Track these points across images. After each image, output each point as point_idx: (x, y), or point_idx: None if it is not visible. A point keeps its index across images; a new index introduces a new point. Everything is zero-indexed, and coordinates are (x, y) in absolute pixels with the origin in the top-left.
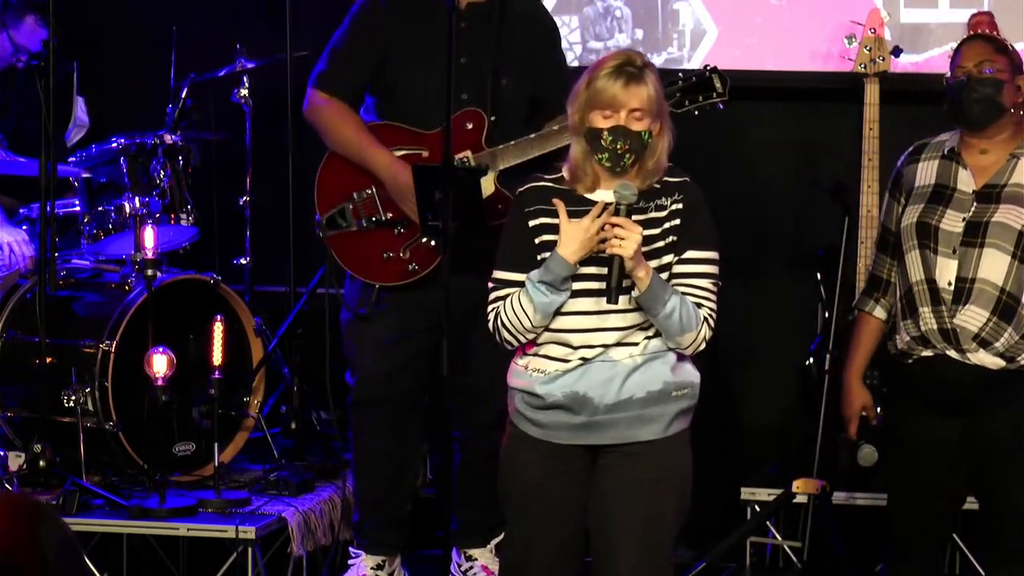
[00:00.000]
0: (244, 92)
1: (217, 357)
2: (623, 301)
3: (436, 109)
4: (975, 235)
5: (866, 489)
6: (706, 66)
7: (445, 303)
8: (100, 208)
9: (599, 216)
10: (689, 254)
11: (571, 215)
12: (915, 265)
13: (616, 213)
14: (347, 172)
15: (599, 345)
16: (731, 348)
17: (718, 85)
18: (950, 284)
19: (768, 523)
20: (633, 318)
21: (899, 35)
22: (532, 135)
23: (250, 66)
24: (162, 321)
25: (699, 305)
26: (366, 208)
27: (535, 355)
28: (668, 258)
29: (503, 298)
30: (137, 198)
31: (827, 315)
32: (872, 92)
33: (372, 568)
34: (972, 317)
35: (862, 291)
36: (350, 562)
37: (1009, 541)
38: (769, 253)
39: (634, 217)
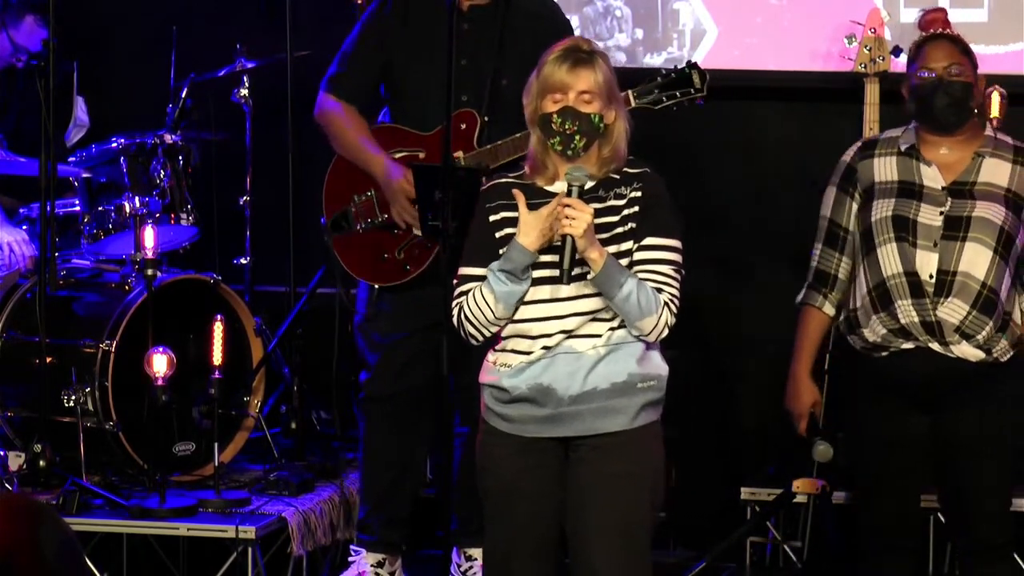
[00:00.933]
0: (244, 92)
1: (217, 357)
2: (582, 286)
3: (436, 110)
4: (956, 229)
5: None
6: (687, 62)
7: (445, 303)
8: (100, 208)
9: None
10: (648, 240)
11: (533, 208)
12: (890, 258)
13: (568, 195)
14: (350, 175)
15: (558, 333)
16: (731, 348)
17: (696, 81)
18: (932, 276)
19: (768, 523)
20: (592, 304)
21: (899, 35)
22: (518, 134)
23: (250, 66)
24: (162, 321)
25: (659, 290)
26: (365, 210)
27: (502, 350)
28: (627, 244)
29: (467, 293)
30: (137, 198)
31: None
32: (872, 92)
33: (373, 566)
34: (954, 310)
35: (807, 285)
36: (351, 559)
37: (982, 535)
38: (769, 253)
39: (593, 205)
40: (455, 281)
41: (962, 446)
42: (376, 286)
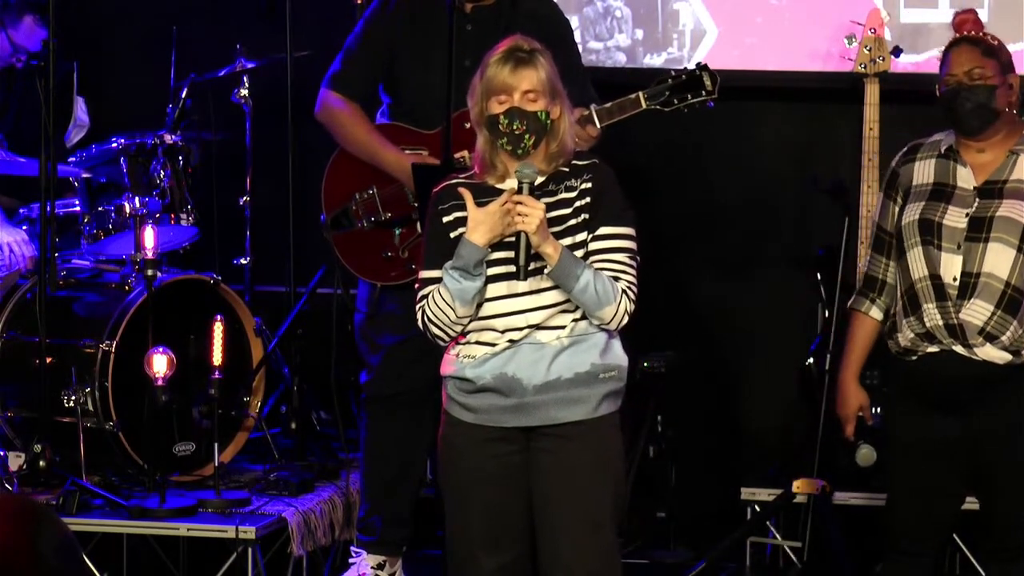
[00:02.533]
0: (244, 92)
1: (217, 357)
2: (540, 280)
3: (436, 110)
4: (979, 230)
5: (866, 489)
6: (697, 64)
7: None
8: (100, 208)
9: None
10: (602, 230)
11: (483, 205)
12: (918, 262)
13: (519, 192)
14: (351, 173)
15: (525, 327)
16: (731, 348)
17: (708, 83)
18: (955, 279)
19: (768, 523)
20: (553, 296)
21: (899, 35)
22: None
23: (250, 66)
24: (162, 321)
25: (616, 279)
26: (367, 208)
27: (467, 343)
28: (581, 236)
29: (427, 295)
30: (137, 198)
31: (827, 315)
32: (872, 92)
33: (373, 567)
34: (977, 311)
35: (857, 291)
36: (351, 561)
37: (1007, 539)
38: (769, 253)
39: (544, 199)
40: (416, 286)
41: (989, 448)
42: (378, 285)
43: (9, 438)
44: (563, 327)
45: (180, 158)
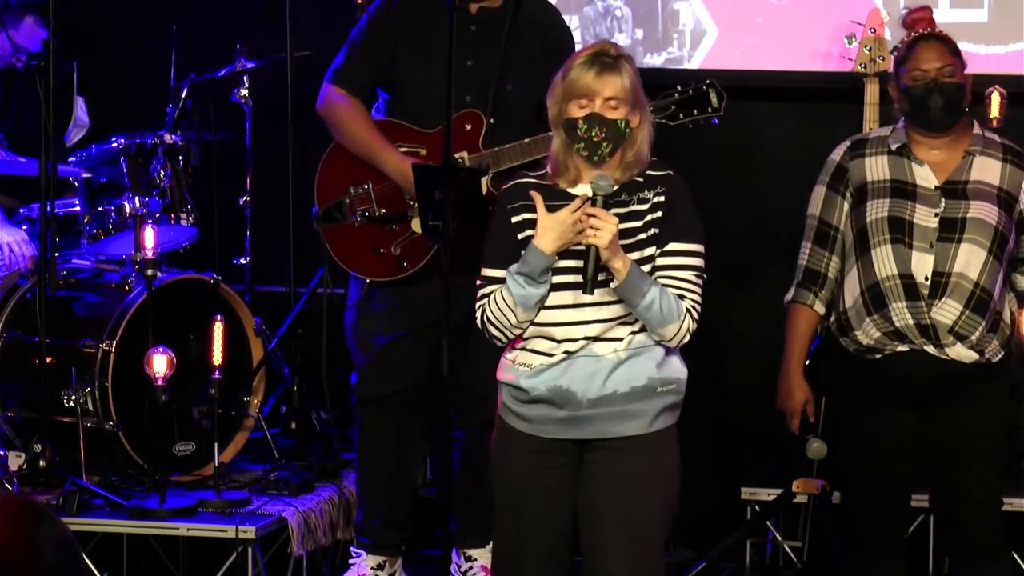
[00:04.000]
0: (244, 92)
1: (217, 357)
2: (604, 293)
3: (437, 109)
4: (952, 230)
5: None
6: (705, 80)
7: (445, 303)
8: (100, 208)
9: (578, 208)
10: (671, 246)
11: (553, 210)
12: (885, 260)
13: (593, 204)
14: (347, 167)
15: (581, 338)
16: (731, 348)
17: (714, 100)
18: (927, 279)
19: (768, 523)
20: (615, 310)
21: (899, 35)
22: (527, 140)
23: (250, 66)
24: (162, 321)
25: (681, 296)
26: (361, 203)
27: (522, 349)
28: (650, 250)
29: (488, 295)
30: (137, 198)
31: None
32: (872, 92)
33: (373, 568)
34: (948, 311)
35: (797, 284)
36: (351, 561)
37: (975, 535)
38: (769, 253)
39: (616, 210)
40: (478, 282)
41: (953, 447)
42: (368, 280)
43: (9, 438)
44: (621, 339)
45: (180, 158)
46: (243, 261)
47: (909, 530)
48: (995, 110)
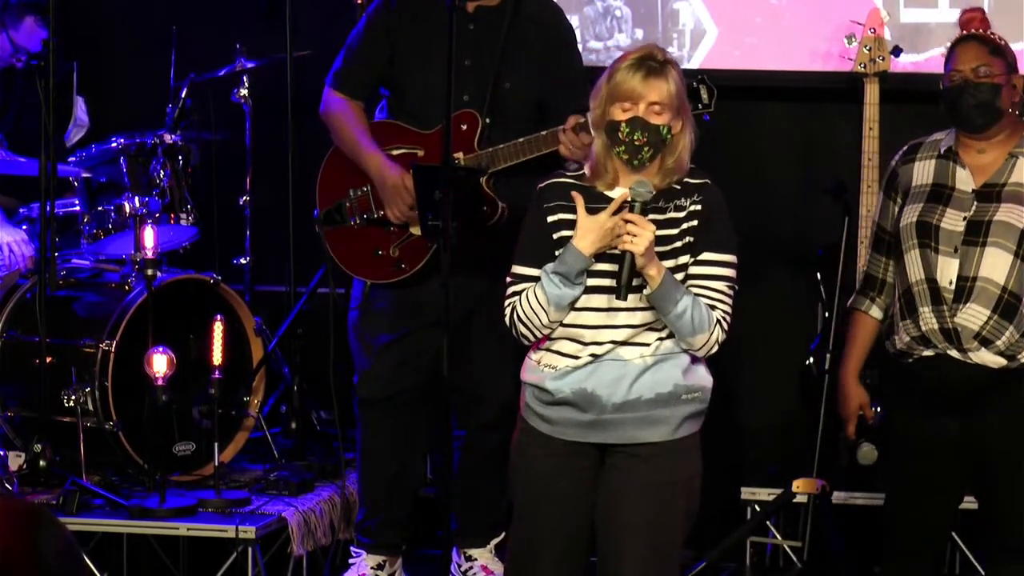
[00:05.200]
0: (244, 92)
1: (217, 357)
2: (635, 299)
3: (435, 109)
4: (977, 234)
5: (866, 489)
6: (696, 75)
7: (445, 303)
8: (100, 208)
9: (617, 211)
10: (705, 256)
11: (589, 211)
12: (915, 264)
13: (631, 210)
14: (347, 169)
15: (608, 342)
16: (731, 348)
17: (704, 96)
18: (951, 283)
19: (768, 523)
20: (644, 317)
21: (899, 35)
22: (521, 139)
23: (250, 66)
24: (162, 321)
25: (712, 307)
26: (361, 205)
27: (548, 350)
28: (684, 259)
29: (519, 293)
30: (137, 198)
31: (827, 315)
32: (872, 92)
33: (373, 568)
34: (973, 316)
35: (857, 290)
36: (351, 561)
37: (1009, 540)
38: (769, 253)
39: (652, 216)
40: (508, 279)
41: (988, 450)
42: (368, 282)
43: (9, 438)
44: (648, 345)
45: (180, 158)
46: (243, 261)
47: (944, 536)
48: None
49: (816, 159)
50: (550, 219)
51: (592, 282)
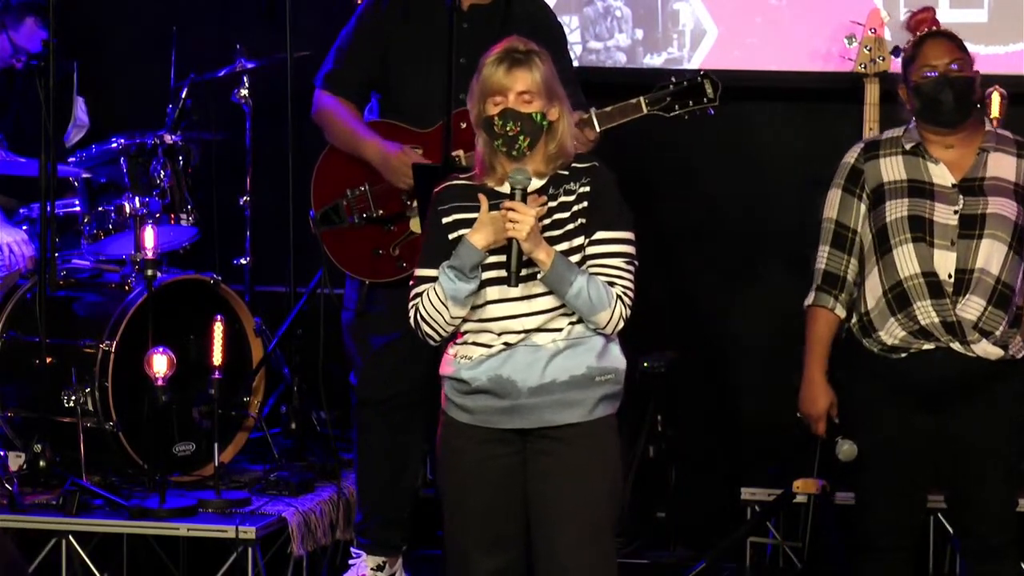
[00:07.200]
0: (244, 92)
1: (217, 357)
2: (534, 286)
3: (432, 108)
4: (972, 227)
5: None
6: (699, 71)
7: None
8: (100, 208)
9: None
10: (599, 235)
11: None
12: (907, 259)
13: (512, 198)
14: (342, 169)
15: (520, 331)
16: (731, 348)
17: (709, 91)
18: (950, 276)
19: (768, 523)
20: (549, 301)
21: (899, 35)
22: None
23: (250, 66)
24: (162, 321)
25: (612, 283)
26: (359, 205)
27: (463, 344)
28: (579, 240)
29: (421, 294)
30: (137, 198)
31: None
32: (872, 92)
33: (373, 568)
34: (972, 307)
35: (816, 288)
36: (351, 562)
37: (990, 535)
38: (769, 253)
39: (547, 204)
40: (411, 283)
41: (968, 445)
42: (367, 282)
43: (9, 438)
44: (560, 330)
45: (180, 158)
46: (243, 261)
47: (918, 532)
48: (995, 110)
49: (816, 159)
50: (445, 220)
51: (488, 275)
